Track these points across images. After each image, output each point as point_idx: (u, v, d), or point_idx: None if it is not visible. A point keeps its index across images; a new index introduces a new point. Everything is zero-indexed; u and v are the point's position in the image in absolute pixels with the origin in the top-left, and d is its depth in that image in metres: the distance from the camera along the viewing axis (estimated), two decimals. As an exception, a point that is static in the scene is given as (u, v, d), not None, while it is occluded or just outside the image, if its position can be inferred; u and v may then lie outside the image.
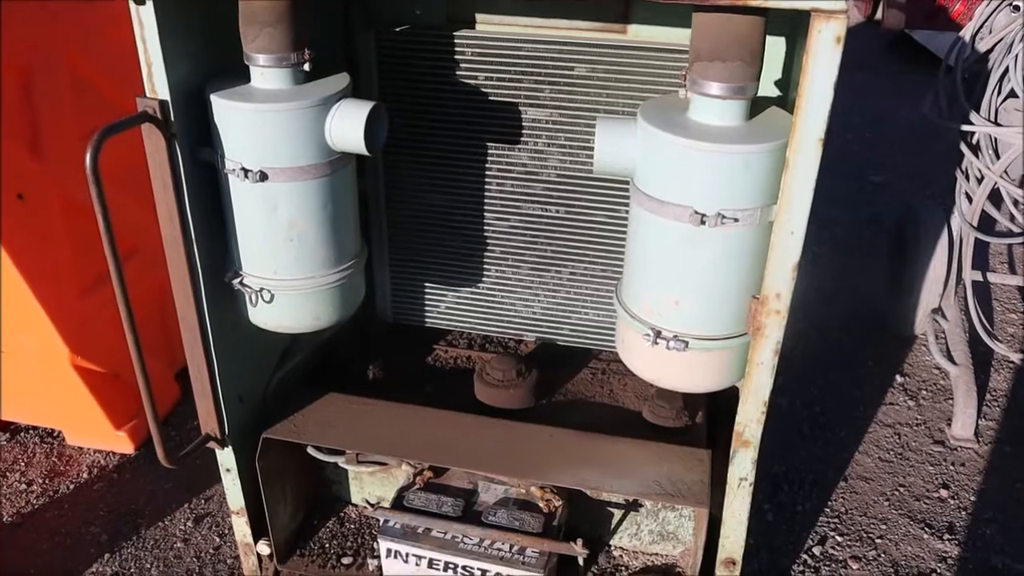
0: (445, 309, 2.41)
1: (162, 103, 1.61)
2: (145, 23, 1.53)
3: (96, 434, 2.85)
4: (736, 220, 1.52)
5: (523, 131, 2.09)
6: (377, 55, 2.10)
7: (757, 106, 1.59)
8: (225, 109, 1.68)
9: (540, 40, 1.97)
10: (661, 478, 1.86)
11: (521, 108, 2.07)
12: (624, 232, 1.93)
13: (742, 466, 1.78)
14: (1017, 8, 2.95)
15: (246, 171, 1.70)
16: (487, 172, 2.17)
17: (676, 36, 1.86)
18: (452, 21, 2.00)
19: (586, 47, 1.96)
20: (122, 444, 2.84)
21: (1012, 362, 3.29)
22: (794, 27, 1.70)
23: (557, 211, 2.17)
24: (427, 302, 2.41)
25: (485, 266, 2.30)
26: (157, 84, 1.59)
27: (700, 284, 1.60)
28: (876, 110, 5.71)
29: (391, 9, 2.03)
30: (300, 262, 1.82)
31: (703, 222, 1.51)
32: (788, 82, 1.81)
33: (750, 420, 1.72)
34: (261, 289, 1.84)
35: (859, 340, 3.47)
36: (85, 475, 2.80)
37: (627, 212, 1.77)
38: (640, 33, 1.91)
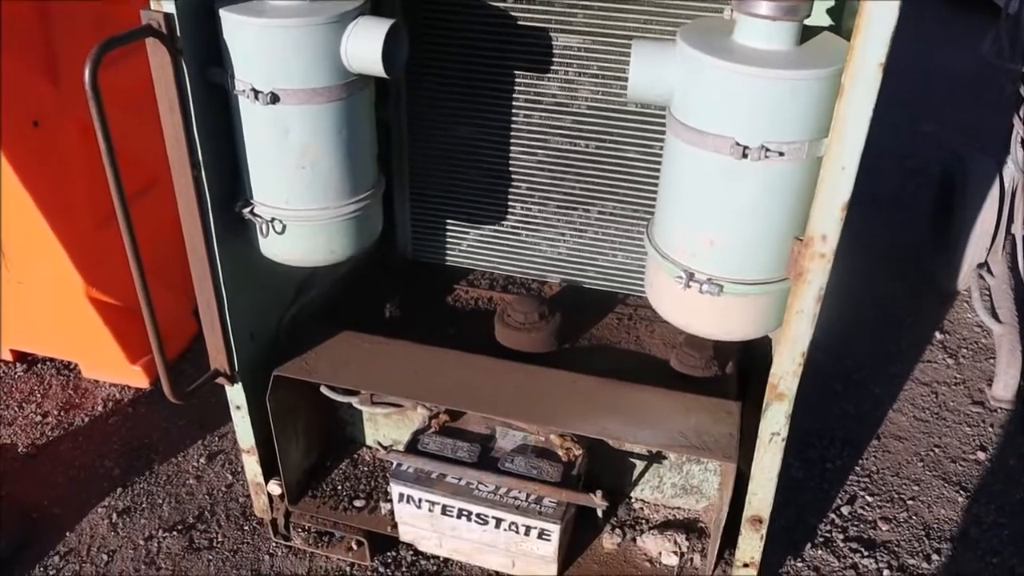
0: (467, 247, 2.32)
1: (167, 16, 1.50)
2: (148, -75, 1.42)
3: (112, 368, 2.80)
4: (781, 154, 1.39)
5: (553, 59, 1.96)
6: (400, -26, 1.97)
7: (809, 32, 1.45)
8: (234, 24, 1.57)
9: (573, -38, 1.84)
10: (687, 430, 1.76)
11: (552, 34, 1.94)
12: (658, 170, 1.81)
13: (775, 420, 1.68)
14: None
15: (256, 92, 1.59)
16: (514, 103, 2.05)
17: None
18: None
19: (622, -31, 1.82)
20: (137, 378, 2.80)
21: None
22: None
23: (587, 146, 2.05)
24: (448, 239, 2.32)
25: (510, 203, 2.19)
26: (162, -7, 1.49)
27: (739, 223, 1.48)
28: (927, 58, 5.46)
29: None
30: (313, 191, 1.72)
31: (745, 155, 1.39)
32: (843, 8, 1.66)
33: (786, 372, 1.61)
34: (272, 219, 1.75)
35: (899, 294, 3.33)
36: (100, 408, 2.76)
37: (662, 148, 1.65)
38: (683, -48, 1.77)
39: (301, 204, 1.73)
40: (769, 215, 1.46)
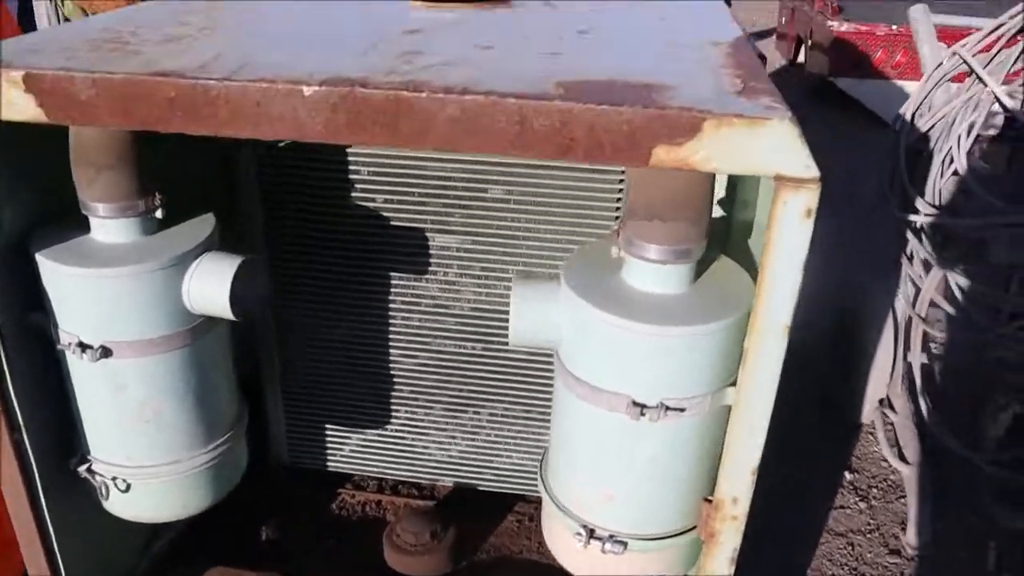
0: (349, 452, 2.10)
1: (-28, 262, 1.28)
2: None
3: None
4: (682, 410, 1.25)
5: (431, 260, 1.81)
6: (259, 175, 1.79)
7: (704, 262, 1.33)
8: (54, 273, 1.35)
9: (446, 159, 1.70)
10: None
11: (428, 235, 1.78)
12: (550, 374, 1.66)
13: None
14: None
15: (84, 346, 1.37)
16: (391, 304, 1.87)
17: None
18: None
19: (501, 166, 1.69)
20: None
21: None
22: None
23: (473, 348, 1.88)
24: (328, 444, 2.10)
25: (393, 406, 2.00)
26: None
27: (640, 479, 1.32)
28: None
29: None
30: (159, 446, 1.49)
31: (643, 414, 1.24)
32: (735, 200, 1.56)
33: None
34: (114, 478, 1.51)
35: (804, 429, 3.25)
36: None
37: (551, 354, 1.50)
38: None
39: (146, 460, 1.50)
40: (673, 470, 1.31)
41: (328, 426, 2.07)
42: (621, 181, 1.60)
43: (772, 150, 0.99)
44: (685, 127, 0.99)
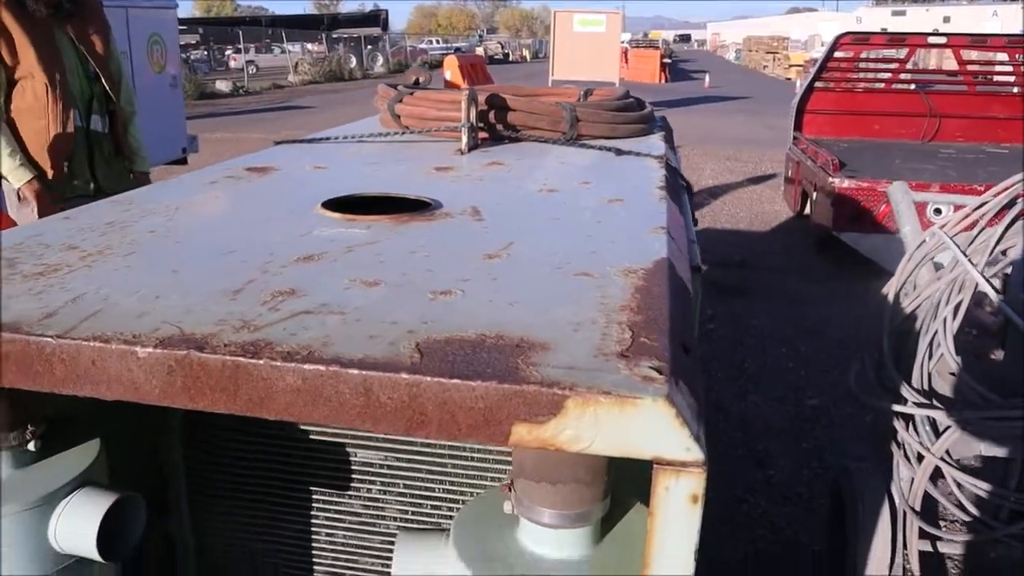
0: (274, 674, 1.92)
1: None
2: None
3: None
4: None
5: (353, 476, 1.68)
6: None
7: (613, 510, 1.20)
8: (-90, 513, 1.25)
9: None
10: None
11: (349, 449, 1.67)
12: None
13: None
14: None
15: (-63, 593, 1.25)
16: (313, 520, 1.74)
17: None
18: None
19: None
20: None
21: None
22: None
23: (400, 568, 1.73)
24: (251, 665, 1.92)
25: (318, 627, 1.84)
26: None
27: None
28: (810, 319, 5.48)
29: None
30: None
31: None
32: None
33: None
34: None
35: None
36: None
37: None
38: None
39: None
40: None
41: (251, 647, 1.90)
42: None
43: (647, 431, 0.88)
44: (546, 405, 0.88)
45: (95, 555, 1.27)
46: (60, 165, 3.48)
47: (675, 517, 0.91)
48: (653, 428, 0.88)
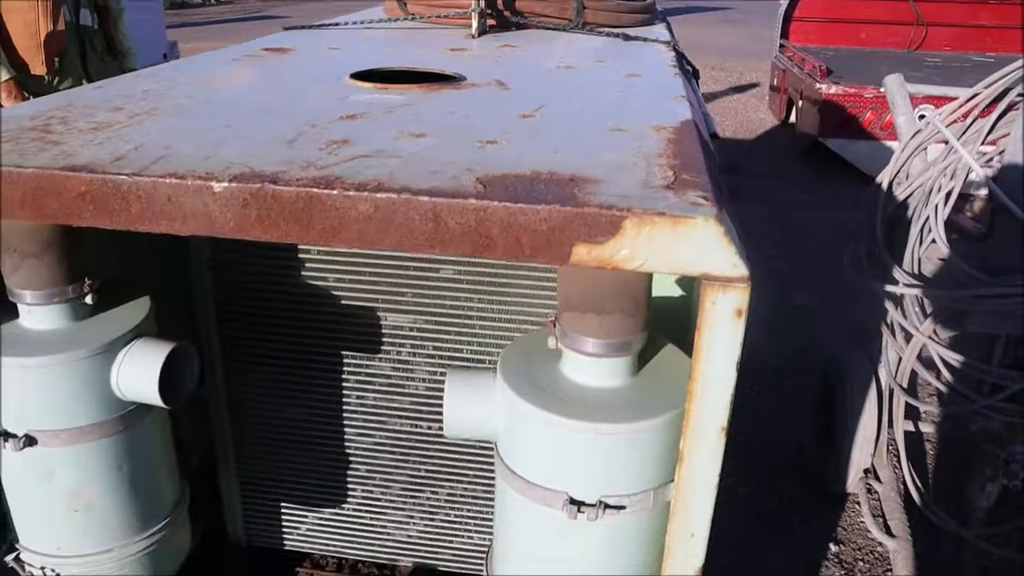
0: (307, 531, 2.04)
1: None
2: None
3: None
4: (622, 508, 1.20)
5: (383, 339, 1.77)
6: (211, 257, 1.76)
7: (647, 351, 1.29)
8: (-22, 361, 1.31)
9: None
10: None
11: (380, 314, 1.74)
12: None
13: None
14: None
15: (7, 435, 1.33)
16: (344, 384, 1.83)
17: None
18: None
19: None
20: None
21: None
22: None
23: (428, 427, 1.83)
24: (285, 523, 2.04)
25: (349, 485, 1.94)
26: None
27: (583, 579, 1.26)
28: (796, 223, 5.58)
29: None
30: (90, 536, 1.44)
31: (581, 511, 1.19)
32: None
33: None
34: (43, 567, 1.45)
35: (789, 498, 3.18)
36: None
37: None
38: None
39: (77, 550, 1.44)
40: (614, 570, 1.25)
41: (284, 505, 2.01)
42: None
43: (697, 249, 0.95)
44: (605, 225, 0.95)
45: (157, 400, 1.35)
46: (51, 61, 3.45)
47: (721, 329, 0.99)
48: (703, 246, 0.95)
